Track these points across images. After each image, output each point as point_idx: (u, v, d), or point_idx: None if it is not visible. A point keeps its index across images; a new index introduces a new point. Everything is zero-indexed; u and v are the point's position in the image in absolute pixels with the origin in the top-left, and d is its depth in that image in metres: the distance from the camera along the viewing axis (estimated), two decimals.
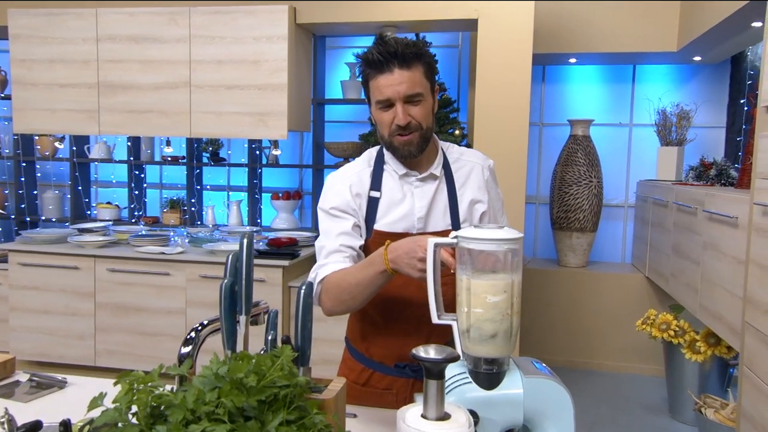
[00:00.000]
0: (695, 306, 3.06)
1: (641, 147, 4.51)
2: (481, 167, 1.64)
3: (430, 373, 0.97)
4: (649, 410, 3.66)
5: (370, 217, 1.55)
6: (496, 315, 1.09)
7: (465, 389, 1.11)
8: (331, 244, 1.51)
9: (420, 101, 1.47)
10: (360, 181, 1.57)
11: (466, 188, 1.60)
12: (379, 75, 1.45)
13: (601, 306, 4.26)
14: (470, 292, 1.10)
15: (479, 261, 1.10)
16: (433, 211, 1.55)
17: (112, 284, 3.63)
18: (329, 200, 1.57)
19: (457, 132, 3.73)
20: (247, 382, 0.77)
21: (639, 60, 4.31)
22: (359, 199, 1.55)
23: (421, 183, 1.56)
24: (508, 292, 1.09)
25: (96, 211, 4.48)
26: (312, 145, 4.26)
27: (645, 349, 4.15)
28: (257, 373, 0.79)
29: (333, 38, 4.37)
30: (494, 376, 1.11)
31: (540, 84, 4.61)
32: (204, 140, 4.25)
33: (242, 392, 0.76)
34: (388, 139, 1.51)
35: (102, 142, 4.34)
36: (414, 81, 1.45)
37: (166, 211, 4.31)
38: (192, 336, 1.07)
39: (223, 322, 0.99)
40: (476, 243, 1.09)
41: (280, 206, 4.21)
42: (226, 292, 0.98)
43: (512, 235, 1.09)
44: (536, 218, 4.69)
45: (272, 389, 0.79)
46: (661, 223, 3.71)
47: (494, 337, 1.10)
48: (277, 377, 0.79)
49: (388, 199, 1.55)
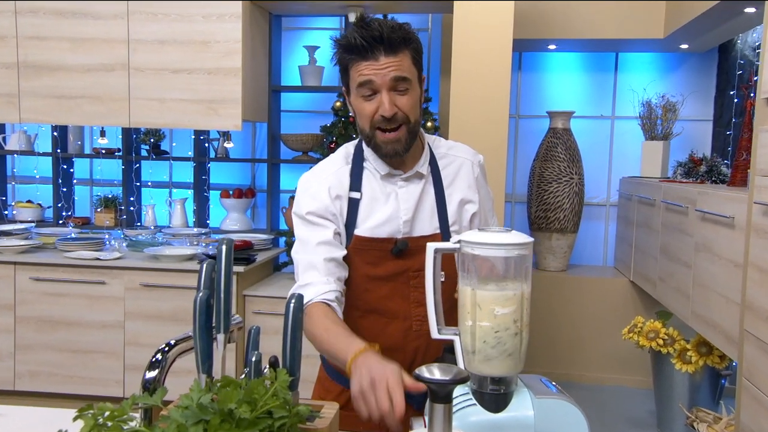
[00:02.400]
0: (686, 312, 3.13)
1: (624, 141, 4.61)
2: (471, 163, 1.63)
3: (435, 397, 0.94)
4: (636, 425, 3.74)
5: (351, 221, 1.51)
6: (504, 329, 1.08)
7: (469, 412, 1.10)
8: (310, 257, 1.46)
9: (407, 90, 1.45)
10: (339, 181, 1.53)
11: (455, 187, 1.58)
12: (362, 62, 1.42)
13: (583, 312, 4.33)
14: (476, 304, 1.08)
15: (485, 269, 1.09)
16: (420, 214, 1.53)
17: (36, 295, 3.48)
18: (305, 204, 1.52)
19: (429, 124, 3.72)
20: (239, 413, 0.73)
21: (622, 47, 4.40)
22: (339, 202, 1.52)
23: (405, 183, 1.54)
24: (518, 303, 1.07)
25: (14, 210, 4.29)
26: (267, 137, 4.18)
27: (630, 359, 4.23)
28: (249, 402, 0.75)
29: (290, 18, 4.29)
30: (501, 397, 1.10)
31: (516, 72, 4.65)
32: (143, 131, 4.12)
33: (232, 425, 0.72)
34: (369, 133, 1.48)
35: (21, 131, 4.16)
36: (402, 66, 1.42)
37: (100, 211, 4.16)
38: (158, 358, 1.02)
39: (198, 342, 0.94)
40: (482, 248, 1.07)
41: (231, 205, 4.12)
42: (202, 307, 0.93)
43: (522, 239, 1.08)
44: (512, 218, 4.74)
45: (267, 421, 0.75)
46: (648, 224, 3.79)
47: (502, 353, 1.08)
48: (274, 407, 0.75)
49: (370, 201, 1.52)
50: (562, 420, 1.09)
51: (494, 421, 1.09)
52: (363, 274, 1.51)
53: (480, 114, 3.32)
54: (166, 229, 4.03)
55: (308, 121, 4.28)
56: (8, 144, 4.20)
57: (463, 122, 3.33)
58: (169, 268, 3.38)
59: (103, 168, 4.35)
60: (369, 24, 1.42)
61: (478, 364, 1.09)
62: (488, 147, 3.32)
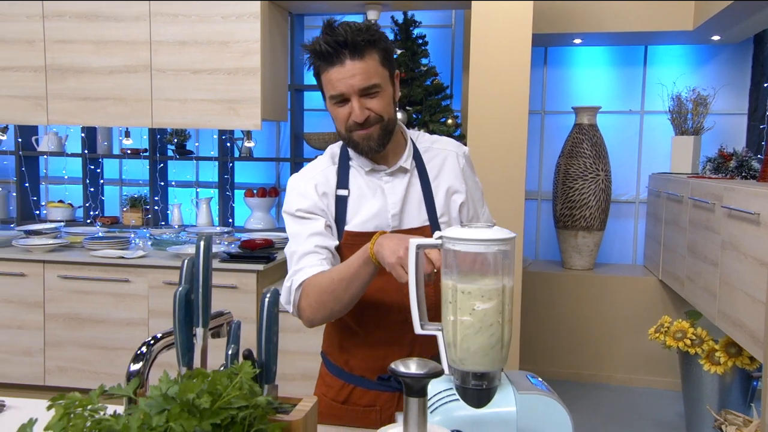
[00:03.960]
0: (713, 312, 3.08)
1: (654, 137, 4.53)
2: (456, 155, 1.64)
3: (410, 390, 0.96)
4: (664, 428, 3.68)
5: (340, 218, 1.55)
6: (485, 324, 1.08)
7: (451, 407, 1.11)
8: (304, 247, 1.50)
9: (377, 93, 1.46)
10: (326, 179, 1.57)
11: (441, 179, 1.60)
12: (330, 68, 1.44)
13: (610, 312, 4.27)
14: (456, 299, 1.09)
15: (466, 264, 1.10)
16: (407, 207, 1.56)
17: (64, 293, 3.59)
18: (294, 202, 1.56)
19: (449, 121, 3.72)
20: (200, 403, 0.76)
21: (651, 40, 4.33)
22: (327, 199, 1.55)
23: (390, 177, 1.57)
24: (498, 298, 1.08)
25: (46, 210, 4.43)
26: (290, 136, 4.24)
27: (659, 360, 4.16)
28: (212, 393, 0.78)
29: (312, 17, 4.34)
30: (484, 392, 1.10)
31: (542, 68, 4.62)
32: (169, 131, 4.21)
33: (194, 415, 0.75)
34: (346, 135, 1.51)
35: (52, 132, 4.29)
36: (368, 72, 1.44)
37: (126, 211, 4.27)
38: (143, 351, 1.06)
39: (178, 336, 0.98)
40: (463, 244, 1.08)
41: (255, 204, 4.18)
42: (181, 301, 0.97)
43: (503, 234, 1.08)
44: (538, 216, 4.70)
45: (229, 411, 0.77)
46: (676, 221, 3.73)
47: (484, 348, 1.09)
48: (235, 397, 0.77)
49: (358, 197, 1.55)
50: (545, 416, 1.10)
51: (477, 416, 1.09)
52: None
53: (499, 110, 3.30)
54: (190, 228, 4.12)
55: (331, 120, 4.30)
56: (40, 145, 4.34)
57: (482, 119, 3.33)
58: None
59: (132, 168, 4.47)
60: (334, 29, 1.44)
61: (460, 360, 1.10)
62: (507, 144, 3.31)
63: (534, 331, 4.35)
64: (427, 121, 3.71)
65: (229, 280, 3.42)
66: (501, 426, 1.09)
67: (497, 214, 3.52)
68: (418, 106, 3.75)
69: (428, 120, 3.70)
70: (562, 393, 4.02)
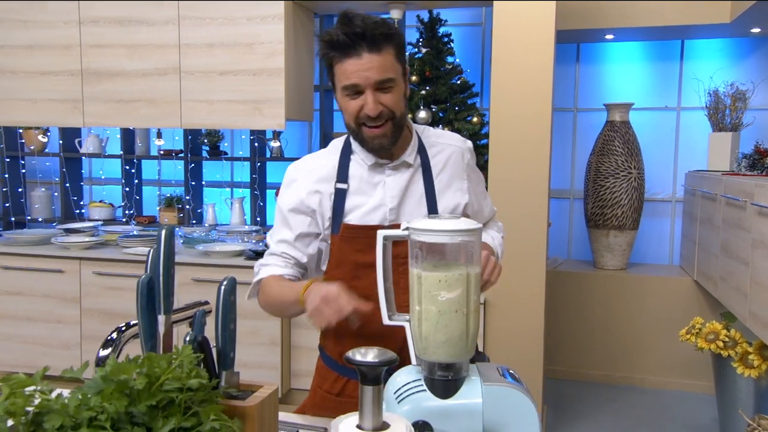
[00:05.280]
0: (744, 313, 2.97)
1: (691, 133, 4.40)
2: (461, 151, 1.64)
3: (365, 378, 0.96)
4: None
5: (338, 211, 1.55)
6: (450, 313, 1.08)
7: (419, 398, 1.11)
8: (275, 247, 1.61)
9: (391, 87, 1.46)
10: (325, 173, 1.58)
11: (444, 175, 1.60)
12: (345, 59, 1.43)
13: (643, 313, 4.16)
14: (422, 288, 1.08)
15: (430, 254, 1.09)
16: (407, 201, 1.56)
17: (99, 288, 3.71)
18: (285, 198, 1.61)
19: (475, 119, 3.69)
20: (134, 384, 0.77)
21: (688, 34, 4.20)
22: (319, 196, 1.56)
23: (393, 171, 1.57)
24: (463, 287, 1.07)
25: (88, 210, 4.58)
26: (319, 136, 4.28)
27: (694, 363, 4.04)
28: (149, 375, 0.80)
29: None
30: (451, 383, 1.10)
31: (574, 65, 4.54)
32: (203, 132, 4.30)
33: (125, 396, 0.77)
34: (354, 128, 1.51)
35: (93, 135, 4.44)
36: (384, 66, 1.44)
37: (159, 209, 4.38)
38: (113, 337, 1.09)
39: (141, 323, 1.00)
40: (427, 235, 1.08)
41: None
42: (143, 289, 0.99)
43: (467, 225, 1.08)
44: (570, 215, 4.62)
45: (168, 394, 0.79)
46: (710, 219, 3.61)
47: (449, 339, 1.08)
48: (169, 380, 0.79)
49: (357, 191, 1.56)
50: (510, 408, 1.08)
51: (443, 407, 1.09)
52: (352, 262, 1.54)
53: (522, 108, 3.26)
54: (220, 226, 4.19)
55: None
56: (83, 147, 4.49)
57: (505, 117, 3.29)
58: (219, 264, 3.52)
59: (168, 169, 4.58)
60: (352, 20, 1.43)
61: (426, 350, 1.10)
62: (531, 141, 3.27)
63: (565, 332, 4.28)
64: (452, 120, 3.69)
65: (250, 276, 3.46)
66: (467, 417, 1.08)
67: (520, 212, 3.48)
68: (443, 104, 3.73)
69: (453, 118, 3.68)
70: (592, 395, 3.98)
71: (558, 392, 4.07)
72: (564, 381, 4.25)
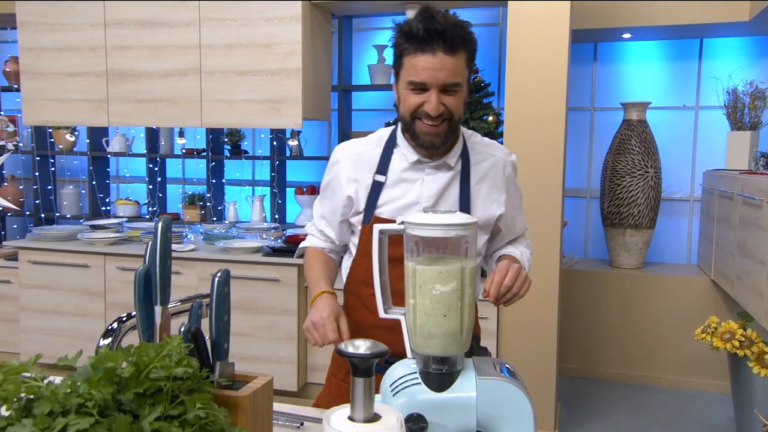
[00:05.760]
0: (760, 312, 2.91)
1: (709, 132, 4.31)
2: (504, 163, 1.62)
3: (356, 370, 0.95)
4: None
5: (371, 202, 1.55)
6: (444, 307, 1.06)
7: (414, 391, 1.09)
8: (316, 220, 1.72)
9: (456, 91, 1.44)
10: (366, 162, 1.58)
11: (483, 185, 1.58)
12: (418, 53, 1.41)
13: (660, 312, 4.09)
14: (416, 282, 1.07)
15: (425, 248, 1.08)
16: (442, 203, 1.55)
17: (123, 283, 3.75)
18: (326, 176, 1.67)
19: (490, 118, 3.66)
20: (122, 372, 0.77)
21: (706, 33, 4.12)
22: (356, 185, 1.57)
23: (433, 170, 1.55)
24: (457, 280, 1.06)
25: (115, 207, 4.64)
26: (338, 136, 4.27)
27: (710, 363, 3.96)
28: (137, 364, 0.80)
29: (360, 19, 4.37)
30: (445, 376, 1.08)
31: (591, 64, 4.48)
32: (225, 131, 4.33)
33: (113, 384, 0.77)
34: (408, 120, 1.49)
35: (121, 134, 4.49)
36: (456, 69, 1.42)
37: (184, 207, 4.41)
38: (114, 327, 1.09)
39: (138, 314, 1.01)
40: (422, 229, 1.07)
41: (305, 201, 4.24)
42: (140, 280, 0.99)
43: (462, 220, 1.06)
44: (587, 214, 4.56)
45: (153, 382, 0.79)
46: (727, 218, 3.54)
47: (444, 333, 1.07)
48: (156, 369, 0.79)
49: (394, 185, 1.55)
50: (505, 402, 1.06)
51: (438, 400, 1.07)
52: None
53: (536, 108, 3.23)
54: (240, 223, 4.21)
55: (378, 119, 4.33)
56: (110, 146, 4.55)
57: (519, 116, 3.26)
58: (237, 260, 3.54)
59: (192, 167, 4.61)
60: (433, 16, 1.40)
61: (421, 343, 1.09)
62: (545, 141, 3.23)
63: (581, 330, 4.22)
64: (468, 119, 3.66)
65: (271, 273, 3.49)
66: (461, 410, 1.06)
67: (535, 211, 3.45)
68: None
69: (468, 117, 3.65)
70: (607, 393, 3.92)
71: (573, 390, 4.02)
72: (579, 379, 4.20)
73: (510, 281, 1.37)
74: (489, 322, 3.29)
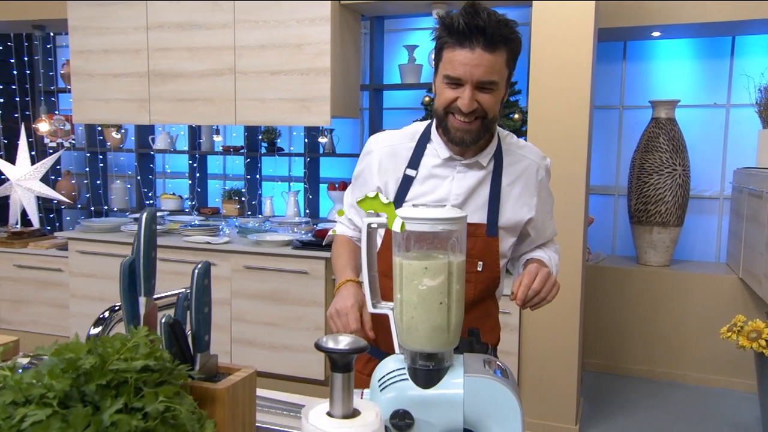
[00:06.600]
0: None
1: (740, 130, 4.11)
2: (537, 166, 1.54)
3: (335, 366, 0.89)
4: (739, 430, 3.33)
5: (401, 196, 1.50)
6: (431, 302, 1.00)
7: (402, 387, 1.03)
8: (346, 208, 1.65)
9: (492, 90, 1.37)
10: (398, 155, 1.52)
11: (515, 187, 1.50)
12: (458, 48, 1.35)
13: (687, 310, 3.92)
14: (403, 277, 1.01)
15: (412, 243, 1.01)
16: (470, 203, 1.48)
17: (160, 273, 3.73)
18: (359, 165, 1.61)
19: (516, 116, 3.56)
20: (82, 363, 0.74)
21: (738, 30, 3.92)
22: (386, 177, 1.52)
23: (465, 169, 1.48)
24: (445, 274, 0.99)
25: (160, 201, 4.69)
26: (369, 134, 4.22)
27: (738, 361, 3.78)
28: (102, 356, 0.76)
29: (391, 20, 4.30)
30: (433, 373, 1.02)
31: (620, 62, 4.31)
32: (261, 129, 4.33)
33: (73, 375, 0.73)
34: (442, 114, 1.43)
35: (166, 132, 4.54)
36: (493, 67, 1.34)
37: (223, 201, 4.43)
38: (105, 316, 1.06)
39: (123, 304, 0.97)
40: (410, 223, 1.00)
41: (336, 197, 4.21)
42: (125, 271, 0.96)
43: (450, 214, 0.99)
44: (615, 211, 4.40)
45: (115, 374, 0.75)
46: (756, 217, 3.36)
47: (430, 329, 1.00)
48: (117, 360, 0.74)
49: (424, 180, 1.49)
50: (492, 400, 0.99)
51: (425, 396, 1.01)
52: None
53: (560, 106, 3.11)
54: (274, 218, 4.21)
55: (408, 118, 4.26)
56: (156, 143, 4.60)
57: (543, 115, 3.15)
58: (269, 252, 3.52)
59: (231, 164, 4.63)
60: (477, 12, 1.33)
61: (408, 339, 1.02)
62: (569, 138, 3.12)
63: (606, 326, 4.08)
64: None
65: (300, 266, 3.46)
66: (448, 407, 1.00)
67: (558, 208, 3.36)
68: None
69: None
70: (632, 389, 3.78)
71: (598, 385, 3.89)
72: (604, 374, 4.06)
73: (539, 285, 1.30)
74: (512, 317, 3.19)
